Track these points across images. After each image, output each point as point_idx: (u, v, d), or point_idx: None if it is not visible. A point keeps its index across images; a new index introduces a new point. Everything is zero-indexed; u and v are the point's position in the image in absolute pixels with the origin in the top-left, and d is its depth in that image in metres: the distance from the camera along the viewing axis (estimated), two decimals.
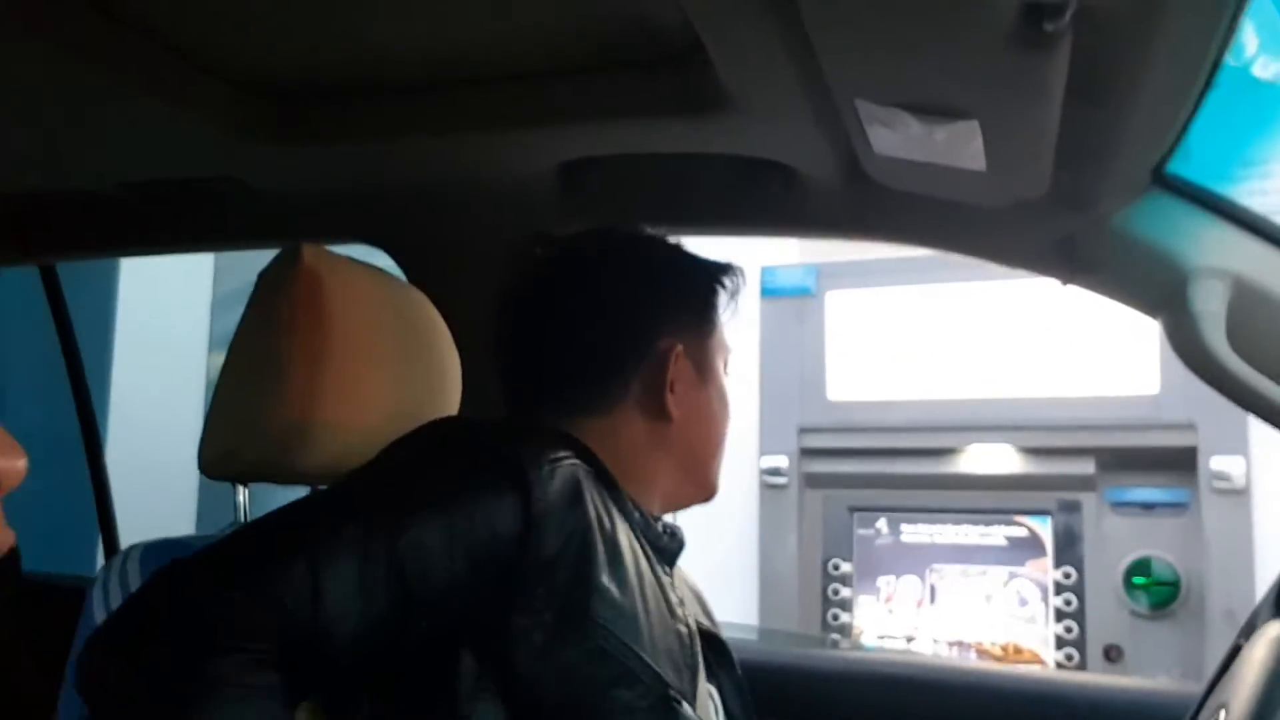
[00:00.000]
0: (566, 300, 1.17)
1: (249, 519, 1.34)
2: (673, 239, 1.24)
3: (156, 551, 1.14)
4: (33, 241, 1.78)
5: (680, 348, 1.15)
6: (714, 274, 1.22)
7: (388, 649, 0.91)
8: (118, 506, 2.16)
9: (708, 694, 1.12)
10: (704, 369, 1.18)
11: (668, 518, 1.19)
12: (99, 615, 1.11)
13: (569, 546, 0.96)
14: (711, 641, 1.20)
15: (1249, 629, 1.15)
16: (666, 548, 1.14)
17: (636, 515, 1.09)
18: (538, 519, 0.95)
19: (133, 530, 1.23)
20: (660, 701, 0.98)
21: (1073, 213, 1.23)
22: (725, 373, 1.23)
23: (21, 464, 0.49)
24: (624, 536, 1.03)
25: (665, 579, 1.10)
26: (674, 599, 1.09)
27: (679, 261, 1.22)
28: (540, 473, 0.97)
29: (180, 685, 0.79)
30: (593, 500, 1.00)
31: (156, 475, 2.68)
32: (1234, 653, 1.13)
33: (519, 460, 0.97)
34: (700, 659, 1.09)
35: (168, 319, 3.29)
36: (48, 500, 2.40)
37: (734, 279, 1.23)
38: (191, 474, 3.24)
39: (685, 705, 1.00)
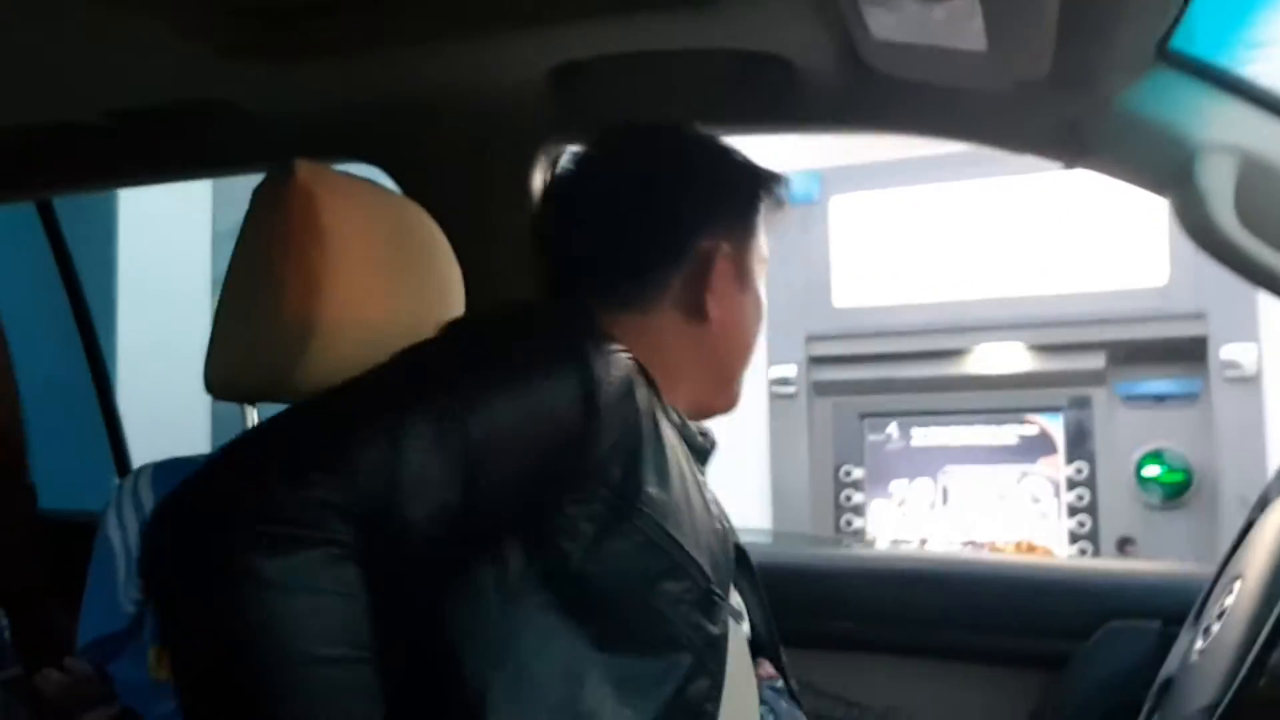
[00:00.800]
0: (614, 190, 1.15)
1: None
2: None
3: (169, 470, 1.15)
4: (27, 177, 1.77)
5: (726, 248, 1.13)
6: (762, 180, 1.20)
7: (448, 537, 0.89)
8: (133, 441, 2.17)
9: (738, 596, 1.13)
10: (744, 274, 1.17)
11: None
12: (114, 537, 1.12)
13: (623, 438, 0.96)
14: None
15: (1262, 504, 1.15)
16: (700, 447, 1.14)
17: (673, 413, 1.09)
18: (600, 408, 0.94)
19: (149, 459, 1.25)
20: (704, 596, 0.99)
21: (1077, 93, 1.21)
22: (761, 282, 1.21)
23: None
24: (668, 431, 1.03)
25: (701, 478, 1.10)
26: (710, 497, 1.09)
27: (728, 163, 1.19)
28: (604, 360, 0.96)
29: (243, 583, 0.77)
30: (643, 393, 1.00)
31: (169, 408, 2.70)
32: (1247, 528, 1.14)
33: (584, 346, 0.96)
34: (734, 559, 1.10)
35: (169, 256, 3.29)
36: (62, 438, 2.42)
37: (781, 188, 1.21)
38: (203, 405, 3.25)
39: (724, 602, 1.01)
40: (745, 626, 1.15)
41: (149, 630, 1.08)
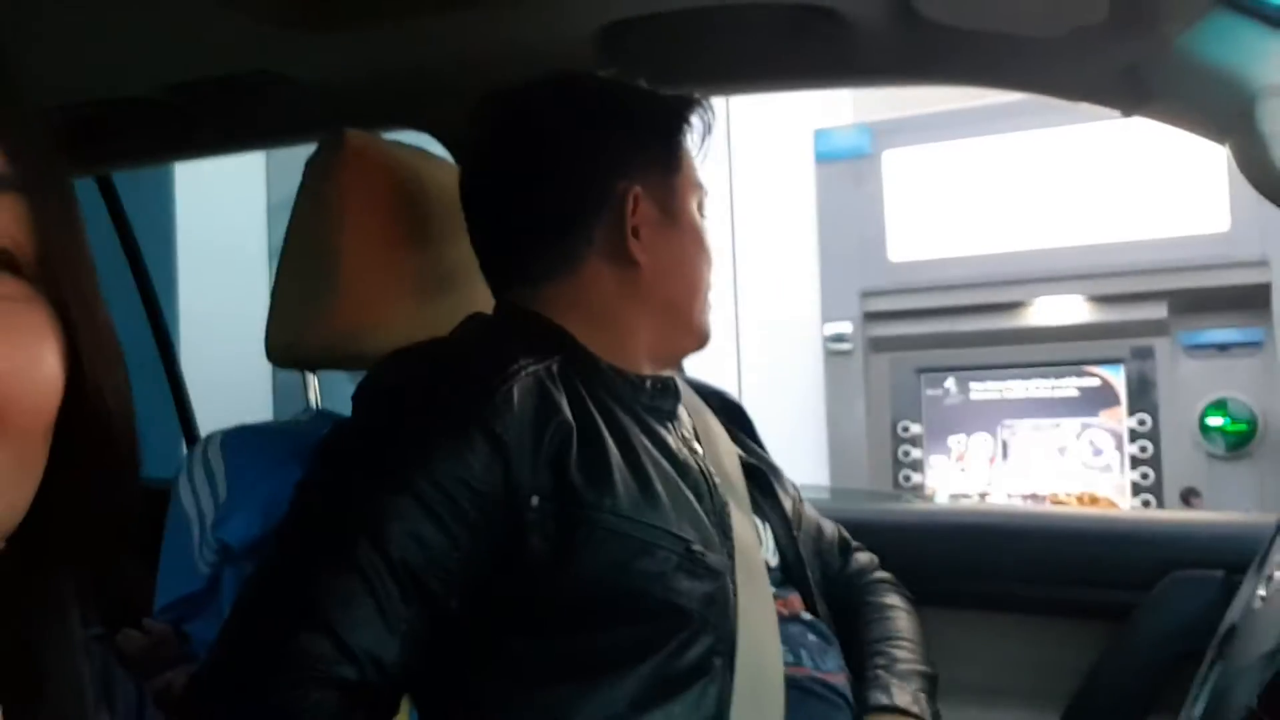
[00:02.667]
0: (510, 160, 1.14)
1: (319, 406, 1.37)
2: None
3: (236, 437, 1.18)
4: (88, 153, 1.80)
5: (638, 190, 1.11)
6: (675, 111, 1.17)
7: (439, 634, 0.94)
8: (199, 410, 2.22)
9: (753, 527, 1.13)
10: (671, 210, 1.14)
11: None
12: (187, 503, 1.16)
13: (547, 456, 0.97)
14: (753, 474, 1.21)
15: None
16: (661, 407, 1.13)
17: (620, 383, 1.09)
18: (513, 454, 0.95)
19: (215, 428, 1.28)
20: (685, 556, 0.99)
21: (1135, 36, 1.19)
22: (701, 214, 1.18)
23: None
24: (603, 417, 1.02)
25: (668, 436, 1.10)
26: (682, 452, 1.09)
27: (629, 101, 1.17)
28: (496, 403, 0.96)
29: None
30: (559, 400, 1.00)
31: (231, 376, 2.76)
32: None
33: (474, 399, 0.96)
34: (723, 492, 1.10)
35: (226, 226, 3.34)
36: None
37: (700, 114, 1.18)
38: (265, 372, 3.30)
39: (709, 552, 1.02)
40: (767, 552, 1.14)
41: (225, 590, 1.12)
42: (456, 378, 1.00)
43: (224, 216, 3.36)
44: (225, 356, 2.81)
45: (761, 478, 1.23)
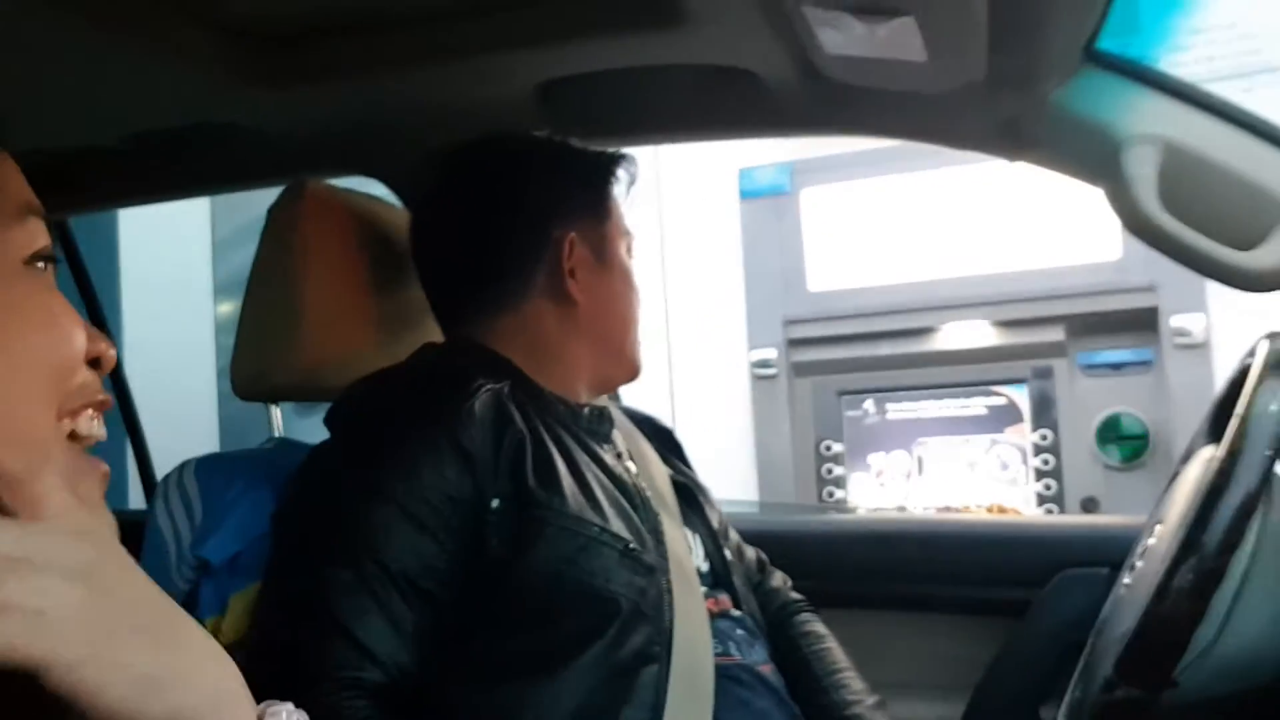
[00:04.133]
0: (458, 211, 1.26)
1: (283, 435, 1.46)
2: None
3: (209, 464, 1.27)
4: (47, 201, 1.85)
5: (574, 235, 1.23)
6: (604, 164, 1.30)
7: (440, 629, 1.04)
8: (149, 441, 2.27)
9: (684, 536, 1.24)
10: (603, 253, 1.27)
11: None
12: (164, 525, 1.23)
13: (505, 463, 1.07)
14: (683, 492, 1.32)
15: (1187, 455, 1.28)
16: (598, 430, 1.24)
17: (561, 409, 1.20)
18: (478, 463, 1.06)
19: (164, 463, 1.35)
20: (624, 554, 1.10)
21: (1012, 93, 1.31)
22: (629, 256, 1.30)
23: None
24: (549, 435, 1.13)
25: (605, 454, 1.21)
26: (617, 469, 1.20)
27: (564, 156, 1.29)
28: (462, 417, 1.06)
29: None
30: (514, 414, 1.11)
31: (177, 411, 2.80)
32: (1174, 478, 1.27)
33: (441, 414, 1.07)
34: (655, 505, 1.21)
35: (171, 262, 3.37)
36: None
37: (626, 168, 1.31)
38: (211, 405, 3.32)
39: (645, 552, 1.13)
40: (697, 559, 1.26)
41: (203, 604, 1.20)
42: (425, 399, 1.10)
43: (168, 253, 3.40)
44: (171, 389, 2.85)
45: (690, 495, 1.34)
